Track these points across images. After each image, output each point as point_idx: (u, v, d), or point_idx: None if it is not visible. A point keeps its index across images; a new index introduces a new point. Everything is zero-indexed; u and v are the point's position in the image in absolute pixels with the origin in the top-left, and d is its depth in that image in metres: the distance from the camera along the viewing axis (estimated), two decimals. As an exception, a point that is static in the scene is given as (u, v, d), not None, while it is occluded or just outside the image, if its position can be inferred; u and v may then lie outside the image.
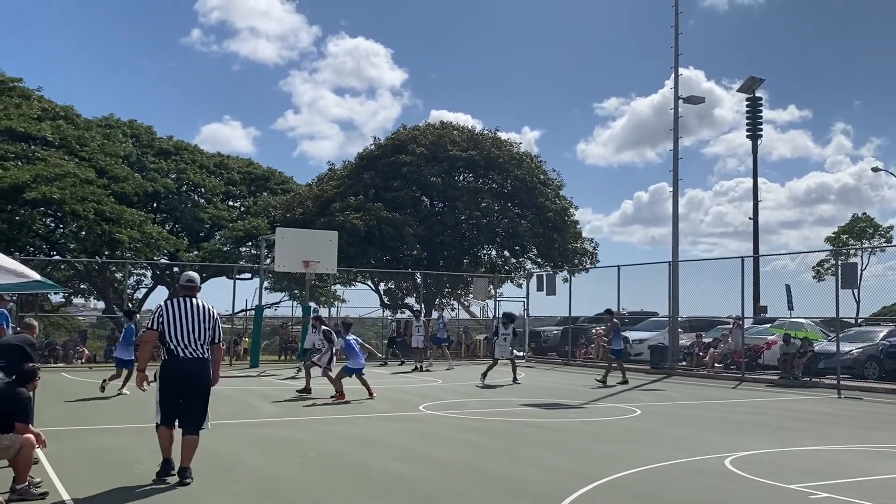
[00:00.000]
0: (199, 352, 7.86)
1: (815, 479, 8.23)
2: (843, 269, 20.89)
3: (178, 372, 7.78)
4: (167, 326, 7.82)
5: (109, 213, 30.19)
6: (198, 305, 7.98)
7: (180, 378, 7.78)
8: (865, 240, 47.60)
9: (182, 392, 7.81)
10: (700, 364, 24.89)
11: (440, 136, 36.79)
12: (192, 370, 7.80)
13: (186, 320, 7.84)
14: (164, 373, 7.84)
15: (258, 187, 42.47)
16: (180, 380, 7.78)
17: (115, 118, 39.62)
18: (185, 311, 7.88)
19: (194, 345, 7.83)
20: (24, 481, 6.93)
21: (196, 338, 7.84)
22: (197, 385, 7.84)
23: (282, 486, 7.67)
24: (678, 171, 25.79)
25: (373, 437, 10.93)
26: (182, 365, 7.77)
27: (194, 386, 7.83)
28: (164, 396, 7.84)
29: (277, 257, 25.40)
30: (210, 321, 7.96)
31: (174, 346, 7.79)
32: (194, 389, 7.84)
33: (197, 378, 7.84)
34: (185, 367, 7.78)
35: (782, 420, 13.68)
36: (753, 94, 38.63)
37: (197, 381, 7.84)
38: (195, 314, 7.90)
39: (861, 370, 21.37)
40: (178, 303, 7.95)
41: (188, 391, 7.81)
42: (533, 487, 7.78)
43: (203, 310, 7.98)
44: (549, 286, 30.13)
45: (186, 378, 7.78)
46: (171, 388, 7.80)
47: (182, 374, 7.78)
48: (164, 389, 7.83)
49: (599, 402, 16.24)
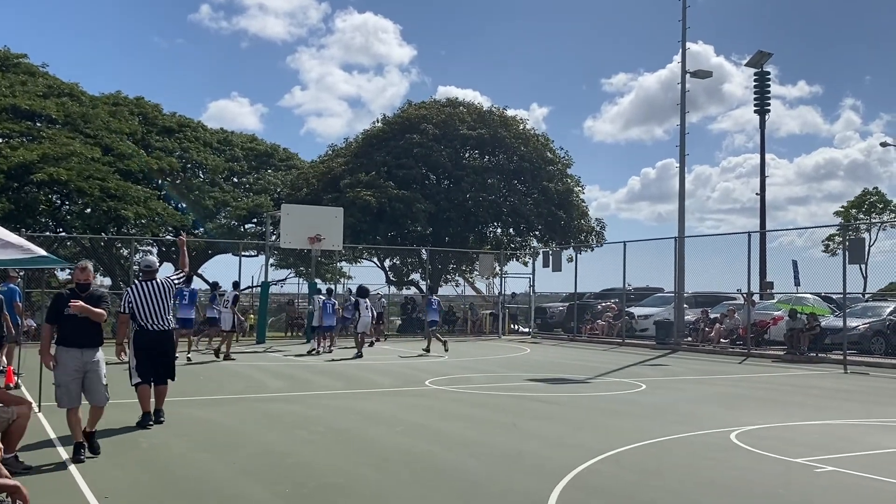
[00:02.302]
0: (164, 324, 9.64)
1: (820, 453, 8.25)
2: (850, 244, 20.83)
3: (149, 342, 9.58)
4: (136, 308, 9.51)
5: (115, 190, 30.17)
6: (158, 285, 9.65)
7: (152, 347, 9.60)
8: (875, 215, 47.19)
9: (154, 356, 9.64)
10: (706, 340, 24.90)
11: (450, 115, 36.66)
12: (160, 339, 9.64)
13: (151, 300, 9.54)
14: (138, 343, 9.60)
15: (261, 164, 42.29)
16: (152, 348, 9.60)
17: (121, 95, 39.47)
18: (148, 293, 9.57)
19: (160, 319, 9.59)
20: (13, 451, 6.93)
21: (161, 313, 9.59)
22: (164, 350, 9.75)
23: (289, 461, 7.71)
24: (685, 146, 25.65)
25: (379, 411, 10.97)
26: (151, 337, 9.56)
27: (163, 350, 9.73)
28: (140, 362, 9.59)
29: (283, 234, 25.36)
30: (171, 294, 9.83)
31: (144, 323, 9.53)
32: (163, 353, 9.74)
33: (164, 345, 9.74)
34: (153, 338, 9.58)
35: (788, 395, 13.69)
36: (761, 69, 38.30)
37: (164, 347, 9.74)
38: (156, 293, 9.59)
39: (868, 345, 21.37)
40: (141, 286, 9.62)
41: (158, 355, 9.68)
42: (538, 461, 7.81)
43: (162, 287, 9.66)
44: (554, 263, 30.12)
45: (156, 346, 9.62)
46: (145, 354, 9.59)
47: (152, 343, 9.58)
48: (138, 356, 9.59)
49: (605, 377, 16.27)
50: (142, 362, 9.58)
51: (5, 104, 30.68)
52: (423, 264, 35.25)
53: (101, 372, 7.80)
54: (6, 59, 34.36)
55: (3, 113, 30.60)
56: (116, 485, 6.73)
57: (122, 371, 10.17)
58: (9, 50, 34.79)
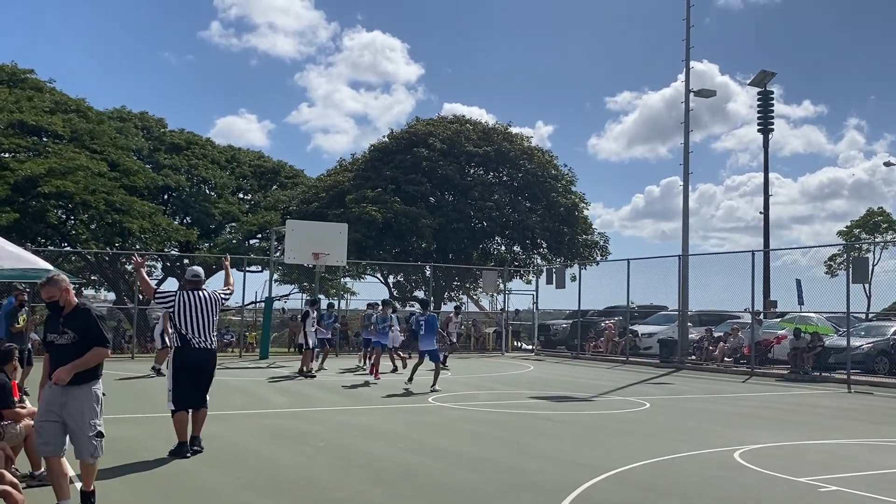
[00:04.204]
0: (208, 341, 8.61)
1: (824, 473, 8.23)
2: (854, 263, 20.79)
3: (192, 360, 8.53)
4: (180, 318, 8.51)
5: (120, 204, 30.31)
6: (206, 297, 8.71)
7: (194, 366, 8.56)
8: (879, 234, 47.01)
9: (195, 378, 8.60)
10: (709, 358, 24.84)
11: (456, 131, 36.90)
12: (203, 358, 8.61)
13: (198, 312, 8.57)
14: (179, 361, 8.55)
15: (268, 181, 42.50)
16: (194, 367, 8.57)
17: (126, 110, 39.70)
18: (195, 303, 8.61)
19: (205, 335, 8.58)
20: (39, 467, 6.98)
21: (207, 328, 8.59)
22: (207, 370, 8.73)
23: (291, 476, 7.71)
24: (689, 164, 25.74)
25: (382, 427, 10.97)
26: (194, 354, 8.52)
27: (205, 370, 8.70)
28: (178, 384, 8.52)
29: (287, 249, 25.41)
30: (217, 305, 8.80)
31: (187, 336, 8.50)
32: (206, 373, 8.72)
33: (207, 365, 8.70)
34: (197, 356, 8.54)
35: (792, 414, 13.65)
36: (765, 88, 38.39)
37: (207, 367, 8.72)
38: (203, 305, 8.63)
39: (871, 365, 21.30)
40: (189, 295, 8.65)
41: (199, 376, 8.65)
42: (542, 479, 7.80)
43: (210, 300, 8.72)
44: (558, 279, 30.07)
45: (199, 365, 8.60)
46: (186, 375, 8.52)
47: (195, 362, 8.55)
48: (178, 378, 8.52)
49: (608, 395, 16.24)
50: (181, 385, 8.52)
51: (12, 119, 30.84)
52: (427, 281, 35.30)
53: (85, 416, 6.01)
54: (13, 74, 34.56)
55: (9, 128, 30.76)
56: (121, 498, 6.73)
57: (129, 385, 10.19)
58: (16, 65, 35.01)
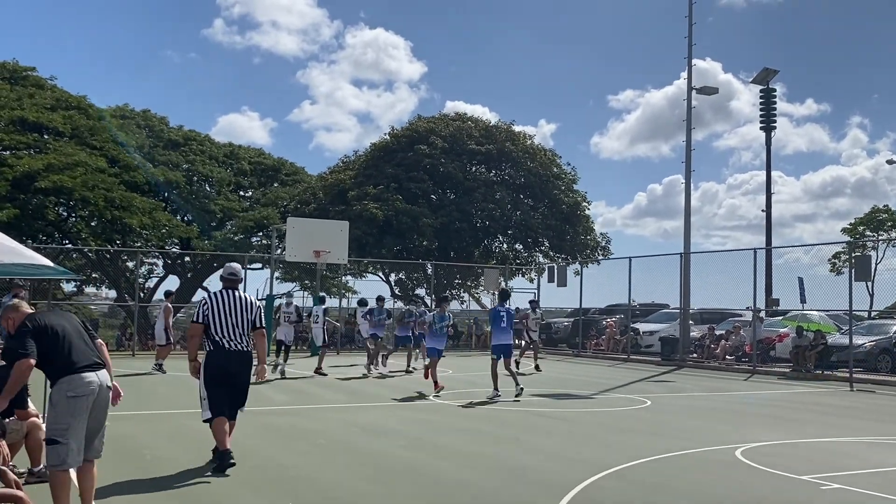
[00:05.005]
0: (243, 344, 7.97)
1: (826, 471, 8.19)
2: (856, 261, 20.74)
3: (226, 365, 7.88)
4: (213, 320, 7.90)
5: (119, 201, 30.28)
6: (243, 298, 8.09)
7: (228, 371, 7.89)
8: (884, 232, 46.81)
9: (228, 383, 7.93)
10: (711, 356, 24.80)
11: (458, 128, 36.88)
12: (238, 361, 7.95)
13: (234, 314, 7.95)
14: (211, 366, 7.91)
15: (268, 178, 42.42)
16: (228, 372, 7.90)
17: (128, 108, 39.67)
18: (230, 304, 7.98)
19: (240, 338, 7.93)
20: (39, 464, 6.95)
21: (242, 331, 7.96)
22: (242, 377, 8.02)
23: (290, 474, 7.68)
24: (690, 162, 25.69)
25: (382, 425, 10.93)
26: (228, 358, 7.88)
27: (240, 378, 8.00)
28: (213, 391, 7.90)
29: (288, 247, 25.38)
30: (253, 310, 8.07)
31: (220, 340, 7.88)
32: (240, 381, 8.02)
33: (242, 369, 8.01)
34: (231, 360, 7.89)
35: (794, 412, 13.61)
36: (767, 86, 38.30)
37: (242, 374, 8.01)
38: (239, 307, 8.00)
39: (874, 363, 21.25)
40: (223, 296, 8.03)
41: (234, 383, 7.97)
42: (542, 476, 7.76)
43: (246, 301, 8.08)
44: (559, 278, 30.05)
45: (233, 369, 7.92)
46: (219, 381, 7.89)
47: (228, 366, 7.89)
48: (211, 384, 7.90)
49: (609, 392, 16.20)
50: (216, 392, 7.93)
51: (13, 116, 30.85)
52: (429, 279, 35.27)
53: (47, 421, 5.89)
54: (15, 71, 34.57)
55: (10, 125, 30.76)
56: (119, 495, 6.70)
57: (130, 382, 10.13)
58: (17, 63, 35.02)
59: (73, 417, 5.57)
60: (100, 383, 5.72)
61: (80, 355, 5.71)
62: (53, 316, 5.91)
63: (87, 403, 5.64)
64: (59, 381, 5.62)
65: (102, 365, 5.85)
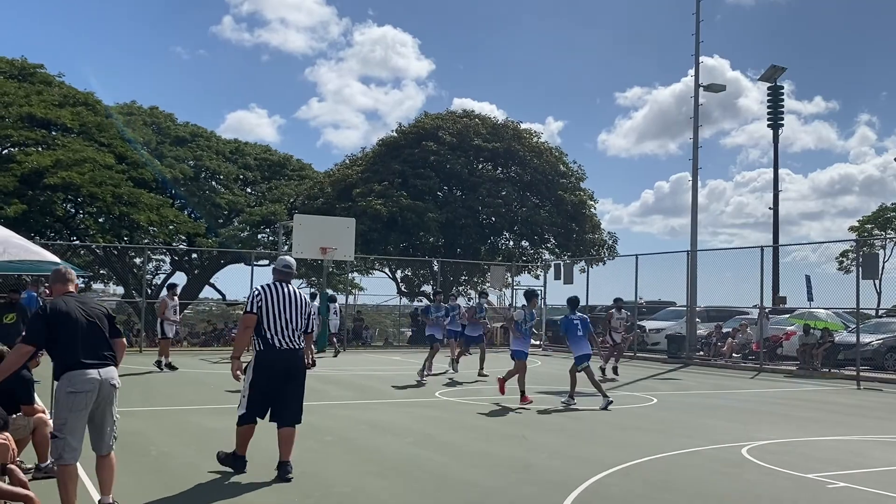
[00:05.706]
0: (295, 342, 7.47)
1: (832, 469, 8.17)
2: (864, 259, 20.68)
3: (276, 363, 7.36)
4: (265, 314, 7.36)
5: (127, 197, 30.37)
6: (296, 293, 7.61)
7: (278, 370, 7.37)
8: (891, 230, 46.57)
9: (278, 384, 7.40)
10: (718, 354, 24.76)
11: (465, 125, 36.89)
12: (290, 359, 7.41)
13: (285, 308, 7.44)
14: (261, 365, 7.37)
15: (274, 174, 42.44)
16: (278, 371, 7.37)
17: (136, 105, 39.76)
18: (284, 298, 7.48)
19: (292, 335, 7.45)
20: (46, 459, 6.98)
21: (295, 328, 7.46)
22: (294, 376, 7.47)
23: (297, 470, 7.67)
24: (697, 159, 25.61)
25: (389, 422, 10.94)
26: (278, 356, 7.36)
27: (292, 377, 7.44)
28: (255, 391, 7.38)
29: (295, 244, 25.40)
30: (306, 309, 7.61)
31: (271, 336, 7.35)
32: (293, 381, 7.46)
33: (294, 369, 7.46)
34: (282, 359, 7.37)
35: (800, 410, 13.58)
36: (775, 83, 38.28)
37: (294, 372, 7.46)
38: (292, 301, 7.52)
39: (881, 361, 21.18)
40: (276, 288, 7.52)
41: (286, 383, 7.42)
42: (547, 474, 7.76)
43: (300, 297, 7.61)
44: (566, 275, 30.04)
45: (285, 367, 7.38)
46: (266, 381, 7.36)
47: (279, 364, 7.37)
48: (256, 383, 7.36)
49: (616, 390, 16.18)
50: (258, 392, 7.36)
51: (21, 113, 30.95)
52: (435, 276, 35.28)
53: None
54: (23, 68, 34.68)
55: (19, 121, 30.86)
56: (124, 491, 6.72)
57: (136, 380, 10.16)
58: (26, 60, 35.13)
59: (70, 413, 5.65)
60: (101, 380, 5.77)
61: (86, 351, 5.76)
62: (74, 304, 5.94)
63: (86, 400, 5.70)
64: (61, 377, 5.71)
65: (111, 361, 5.89)
